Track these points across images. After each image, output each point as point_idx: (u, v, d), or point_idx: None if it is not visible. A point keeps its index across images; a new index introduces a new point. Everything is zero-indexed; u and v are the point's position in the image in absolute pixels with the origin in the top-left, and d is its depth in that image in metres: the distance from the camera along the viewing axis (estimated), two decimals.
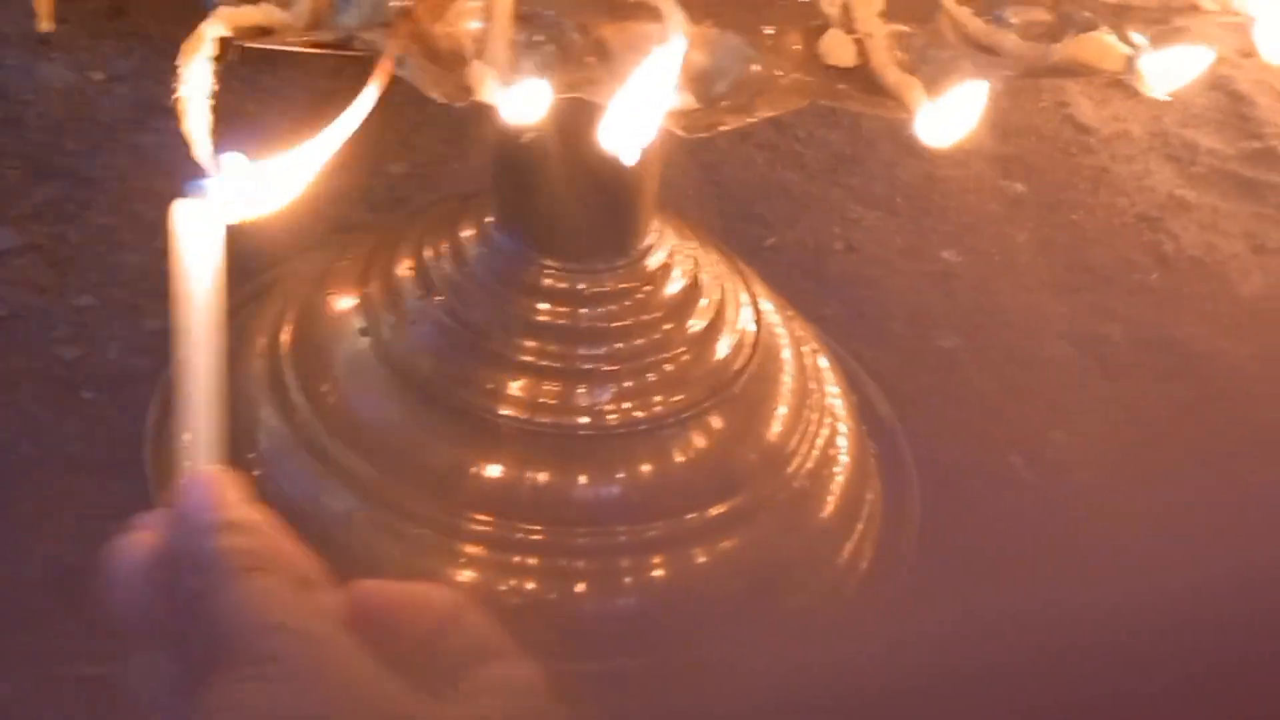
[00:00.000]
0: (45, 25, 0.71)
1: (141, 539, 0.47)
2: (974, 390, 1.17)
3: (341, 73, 1.26)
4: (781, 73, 0.70)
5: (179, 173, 1.26)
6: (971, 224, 1.27)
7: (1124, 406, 1.16)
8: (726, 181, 1.24)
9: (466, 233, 0.99)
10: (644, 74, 0.64)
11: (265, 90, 1.22)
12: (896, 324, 1.19)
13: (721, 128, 0.67)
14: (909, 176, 1.30)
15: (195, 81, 0.67)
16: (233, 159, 0.55)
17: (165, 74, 1.28)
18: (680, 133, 0.65)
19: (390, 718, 0.42)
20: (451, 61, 0.70)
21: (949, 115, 0.68)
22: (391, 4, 0.70)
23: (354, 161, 1.22)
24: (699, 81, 0.67)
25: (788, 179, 1.28)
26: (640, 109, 0.62)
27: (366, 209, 1.20)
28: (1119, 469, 1.09)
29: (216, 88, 0.68)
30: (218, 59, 0.67)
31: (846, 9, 0.71)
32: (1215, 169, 1.34)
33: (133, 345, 1.12)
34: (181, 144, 1.25)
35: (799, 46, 0.71)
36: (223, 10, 0.68)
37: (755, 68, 0.69)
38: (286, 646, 0.43)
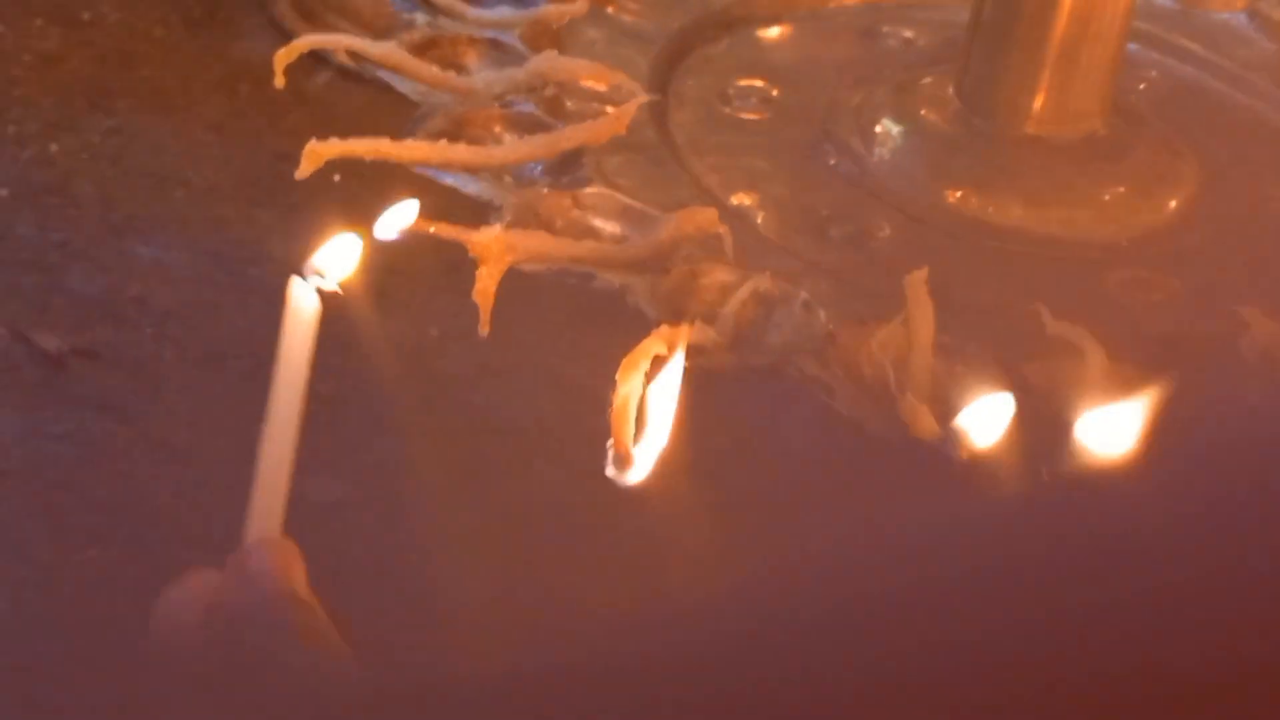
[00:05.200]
0: (484, 328, 0.73)
1: (198, 588, 0.48)
2: None
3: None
4: None
5: (513, 433, 1.28)
6: None
7: None
8: None
9: None
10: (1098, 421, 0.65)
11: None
12: None
13: None
14: None
15: (631, 395, 0.68)
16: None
17: (497, 333, 1.30)
18: None
19: None
20: (875, 390, 0.71)
21: None
22: (817, 330, 0.72)
23: None
24: None
25: None
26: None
27: None
28: None
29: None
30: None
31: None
32: None
33: None
34: (511, 401, 1.27)
35: None
36: (663, 329, 0.70)
37: None
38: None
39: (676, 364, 0.60)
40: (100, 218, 1.16)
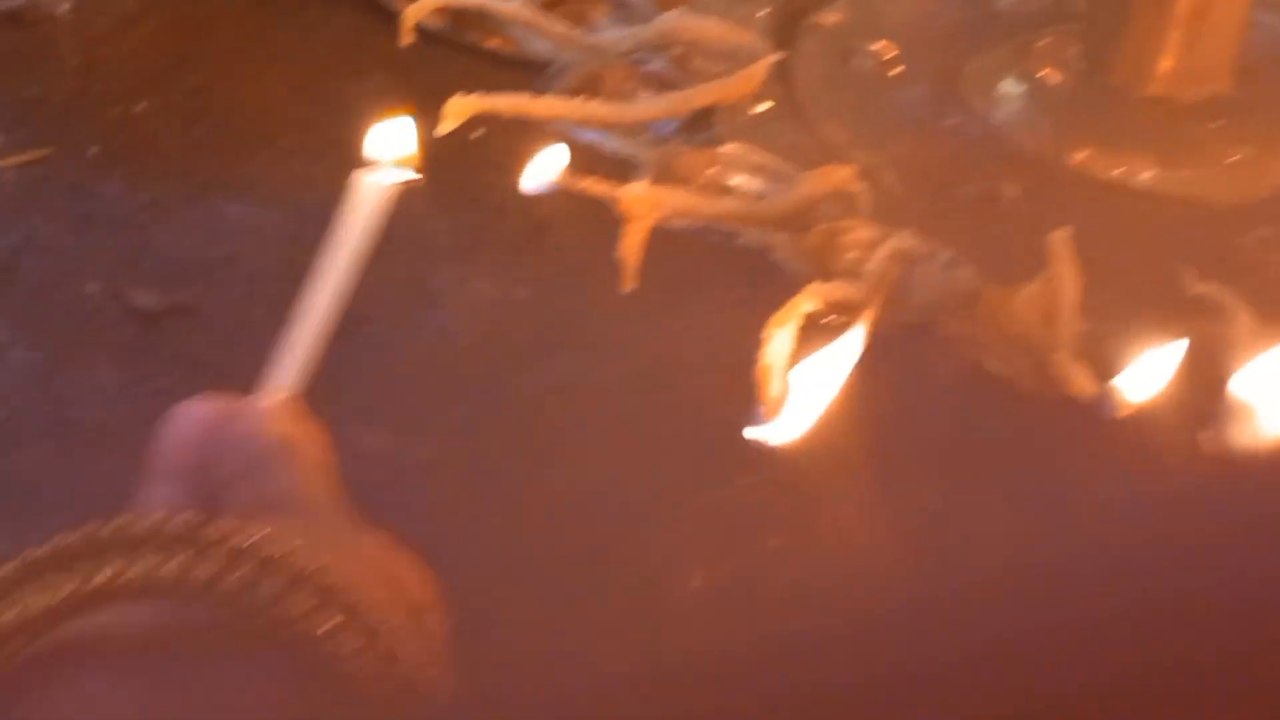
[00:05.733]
0: (628, 284, 0.73)
1: (205, 408, 0.51)
2: None
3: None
4: None
5: (585, 400, 1.28)
6: None
7: None
8: None
9: None
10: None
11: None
12: None
13: None
14: None
15: (780, 351, 0.68)
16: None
17: (580, 293, 1.29)
18: None
19: None
20: (1022, 346, 0.71)
21: None
22: (961, 288, 0.72)
23: None
24: None
25: None
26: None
27: None
28: None
29: None
30: None
31: None
32: None
33: None
34: (599, 365, 1.27)
35: None
36: (814, 285, 0.70)
37: None
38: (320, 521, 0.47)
39: (857, 333, 0.60)
40: (186, 177, 1.15)
